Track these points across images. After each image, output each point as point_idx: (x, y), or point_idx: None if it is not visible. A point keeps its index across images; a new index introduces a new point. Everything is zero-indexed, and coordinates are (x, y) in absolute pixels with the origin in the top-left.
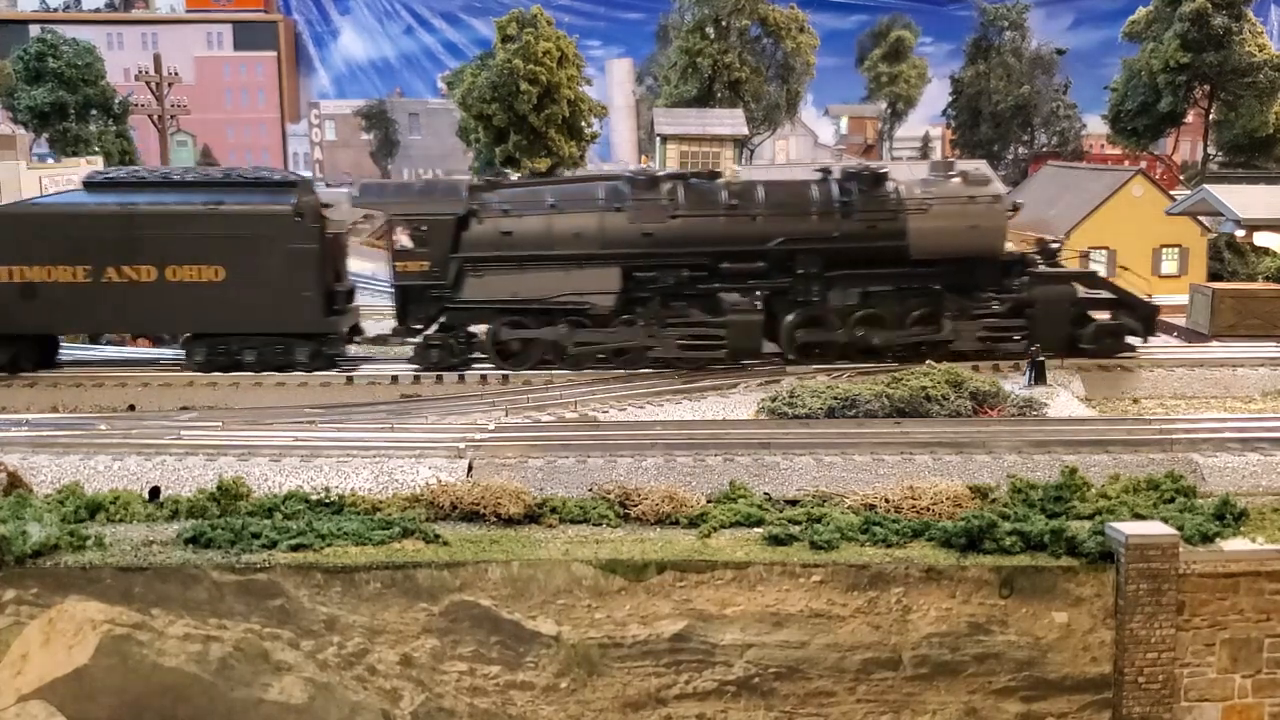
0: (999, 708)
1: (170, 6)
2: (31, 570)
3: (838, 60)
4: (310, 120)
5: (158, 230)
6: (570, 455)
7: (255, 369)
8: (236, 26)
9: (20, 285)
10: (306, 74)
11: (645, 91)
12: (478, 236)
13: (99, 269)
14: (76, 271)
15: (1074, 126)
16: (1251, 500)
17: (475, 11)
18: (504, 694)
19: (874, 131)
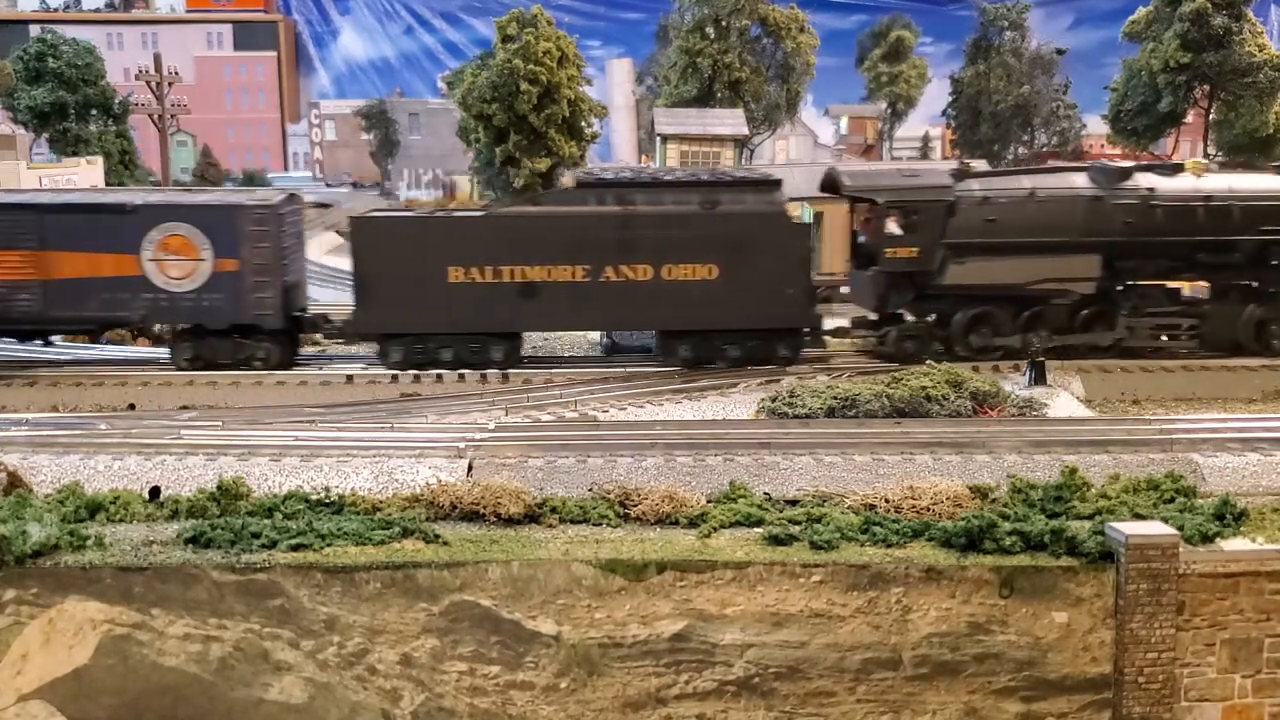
0: (999, 708)
1: (170, 6)
2: (31, 570)
3: (838, 60)
4: (310, 120)
5: (655, 230)
6: (570, 455)
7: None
8: (236, 26)
9: (521, 285)
10: (306, 74)
11: (645, 91)
12: (963, 223)
13: (598, 268)
14: (576, 271)
15: (1074, 126)
16: (1251, 500)
17: (475, 11)
18: (504, 694)
19: (874, 131)
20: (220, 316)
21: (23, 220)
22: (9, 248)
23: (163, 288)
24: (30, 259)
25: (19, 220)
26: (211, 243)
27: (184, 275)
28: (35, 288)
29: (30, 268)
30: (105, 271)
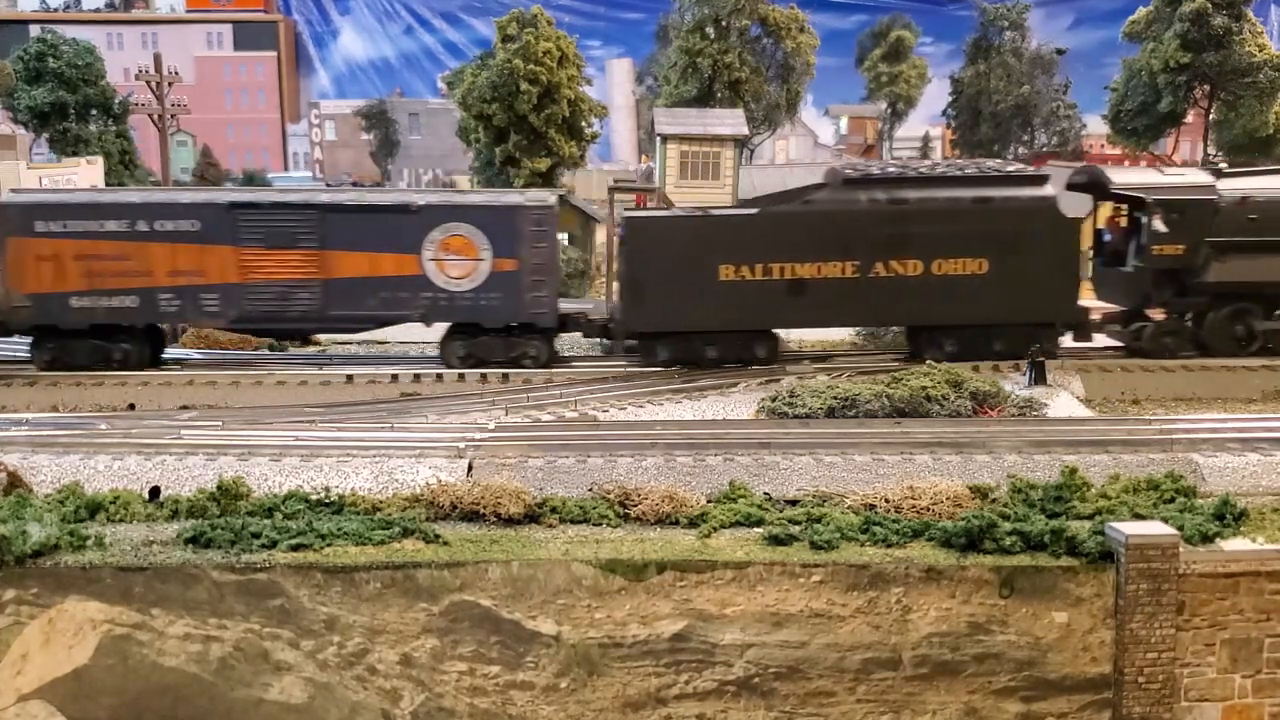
0: (999, 708)
1: (170, 6)
2: (31, 570)
3: (838, 60)
4: (310, 120)
5: (927, 225)
6: (570, 455)
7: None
8: (236, 26)
9: (790, 282)
10: (306, 74)
11: (645, 91)
12: (1226, 221)
13: (868, 264)
14: (845, 267)
15: (1074, 126)
16: (1251, 500)
17: (475, 11)
18: (504, 694)
19: (874, 131)
20: (497, 316)
21: (305, 219)
22: (291, 247)
23: (442, 287)
24: (312, 258)
25: (302, 220)
26: (491, 243)
27: (463, 275)
28: (316, 287)
29: (311, 267)
30: (385, 271)
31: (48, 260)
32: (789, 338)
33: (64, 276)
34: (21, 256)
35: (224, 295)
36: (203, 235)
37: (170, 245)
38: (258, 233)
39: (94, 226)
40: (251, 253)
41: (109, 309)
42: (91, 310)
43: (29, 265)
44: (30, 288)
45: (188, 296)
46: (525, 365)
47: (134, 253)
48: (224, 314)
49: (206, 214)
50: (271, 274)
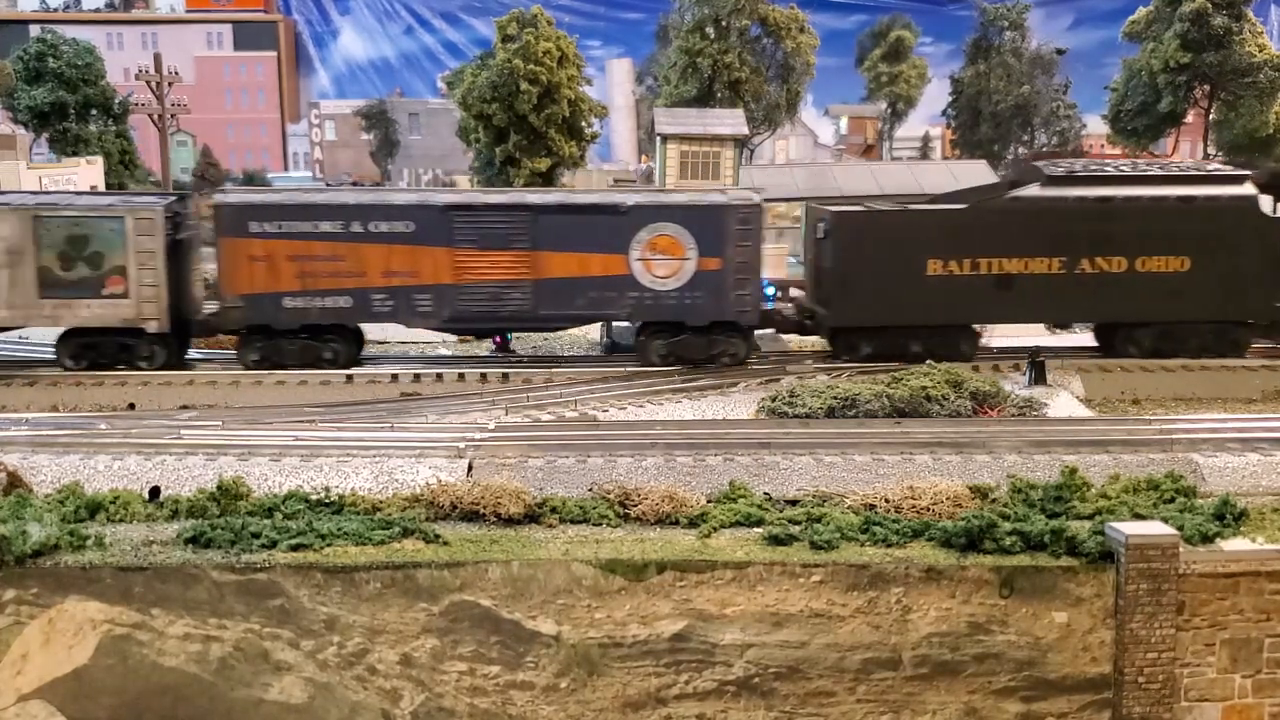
0: (999, 708)
1: (170, 6)
2: (31, 570)
3: (838, 60)
4: (310, 120)
5: (1133, 222)
6: (570, 455)
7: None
8: (236, 26)
9: (998, 277)
10: (306, 74)
11: (645, 91)
12: None
13: (1074, 260)
14: (1052, 263)
15: (1074, 126)
16: (1251, 500)
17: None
18: (504, 694)
19: (874, 131)
20: (702, 314)
21: (518, 221)
22: (504, 248)
23: (648, 286)
24: (523, 259)
25: (515, 221)
26: (697, 242)
27: (669, 274)
28: (527, 287)
29: (523, 268)
30: (594, 271)
31: (261, 261)
32: (789, 337)
33: (277, 277)
34: (235, 257)
35: (437, 296)
36: (417, 236)
37: (385, 246)
38: (472, 234)
39: (308, 227)
40: (465, 254)
41: (322, 309)
42: (305, 311)
43: (242, 266)
44: (243, 288)
45: (401, 297)
46: (724, 363)
47: (348, 253)
48: (436, 314)
49: (421, 215)
50: (484, 275)
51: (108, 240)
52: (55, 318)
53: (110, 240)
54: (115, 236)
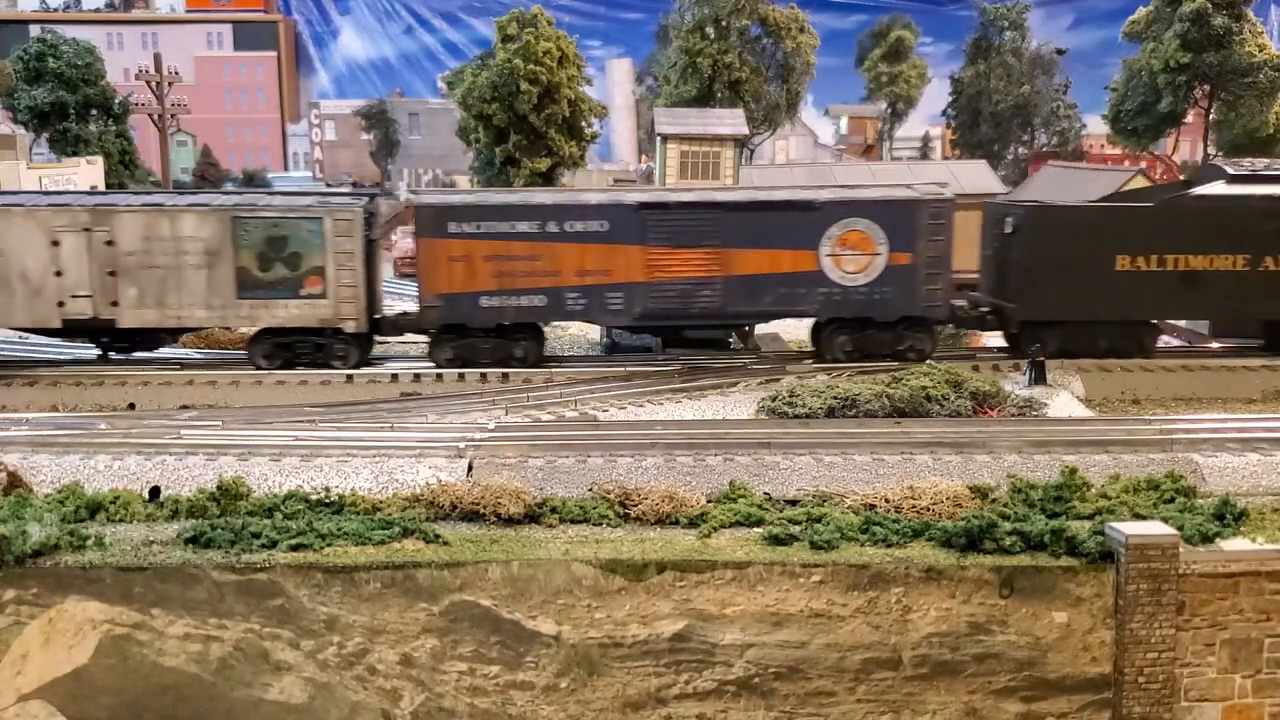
0: (999, 708)
1: (170, 6)
2: (31, 570)
3: (838, 60)
4: (310, 120)
5: None
6: (570, 455)
7: None
8: (236, 26)
9: (1183, 273)
10: (306, 74)
11: (645, 91)
12: None
13: (1258, 258)
14: (1236, 260)
15: (1074, 126)
16: (1251, 500)
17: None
18: (504, 694)
19: (874, 131)
20: (891, 309)
21: (709, 219)
22: (695, 245)
23: (837, 282)
24: (714, 256)
25: (705, 219)
26: (888, 237)
27: (859, 269)
28: (717, 284)
29: (714, 265)
30: (784, 267)
31: (459, 261)
32: (790, 337)
33: (475, 276)
34: (434, 257)
35: (629, 294)
36: (611, 235)
37: (579, 245)
38: (664, 232)
39: (506, 227)
40: (658, 252)
41: (518, 308)
42: (501, 310)
43: (441, 266)
44: (441, 288)
45: (594, 295)
46: (909, 358)
47: (544, 253)
48: (627, 312)
49: (615, 214)
50: (676, 272)
51: (306, 241)
52: (253, 318)
53: (308, 241)
54: (313, 237)
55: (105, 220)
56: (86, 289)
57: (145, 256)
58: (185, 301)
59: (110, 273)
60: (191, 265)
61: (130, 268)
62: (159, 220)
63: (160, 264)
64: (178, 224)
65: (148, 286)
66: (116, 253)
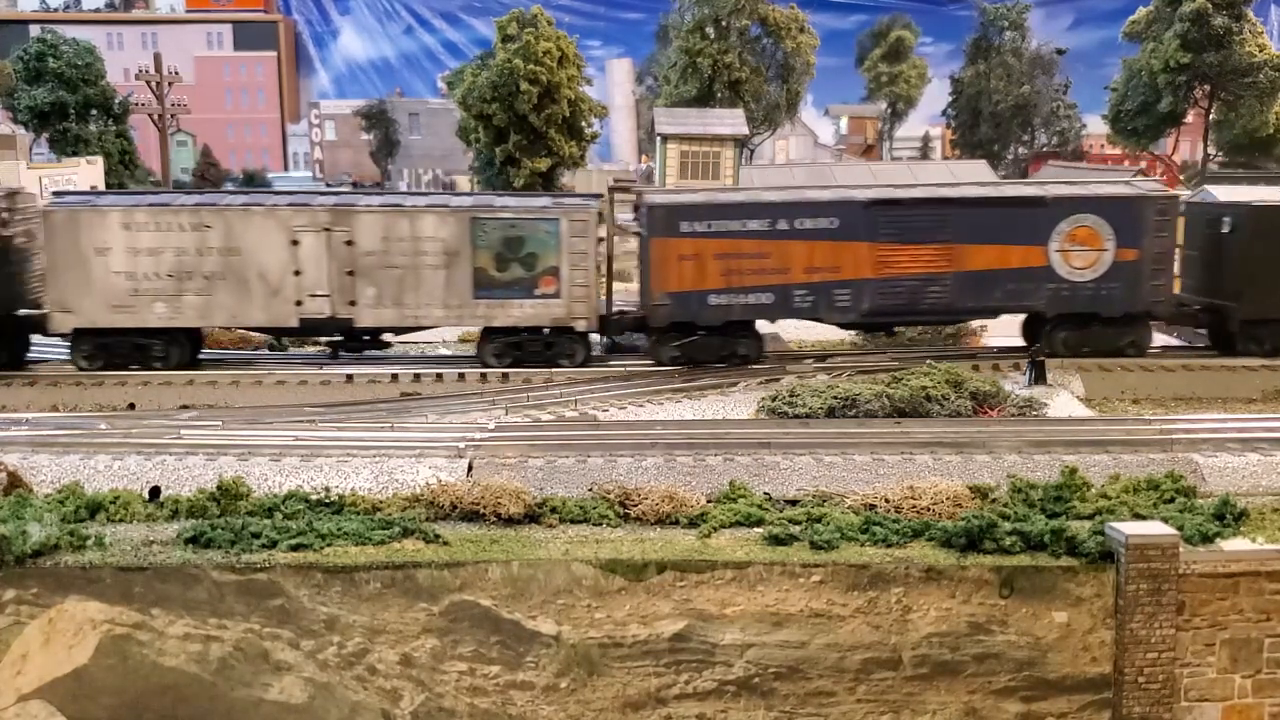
0: (999, 708)
1: (170, 6)
2: (31, 570)
3: (838, 60)
4: (310, 120)
5: None
6: (570, 455)
7: None
8: (236, 26)
9: None
10: (306, 74)
11: (645, 91)
12: None
13: None
14: None
15: (1074, 126)
16: (1251, 500)
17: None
18: (504, 694)
19: (874, 131)
20: (1116, 305)
21: (939, 215)
22: (924, 241)
23: (1065, 277)
24: (943, 252)
25: (935, 215)
26: (1115, 233)
27: (1086, 265)
28: (946, 280)
29: (943, 261)
30: (1013, 263)
31: (690, 259)
32: (790, 337)
33: (704, 275)
34: (665, 256)
35: (856, 290)
36: (840, 232)
37: (808, 243)
38: (894, 228)
39: (736, 226)
40: (887, 248)
41: (745, 306)
42: (729, 308)
43: (671, 264)
44: (671, 286)
45: (821, 292)
46: (1128, 353)
47: (773, 250)
48: (855, 309)
49: (845, 211)
50: (905, 269)
51: (542, 242)
52: (488, 317)
53: (545, 242)
54: (550, 238)
55: (345, 220)
56: (324, 288)
57: (384, 256)
58: (422, 301)
59: (349, 272)
60: (429, 265)
61: (369, 267)
62: (399, 221)
63: (399, 264)
64: (417, 224)
65: (385, 286)
66: (355, 252)
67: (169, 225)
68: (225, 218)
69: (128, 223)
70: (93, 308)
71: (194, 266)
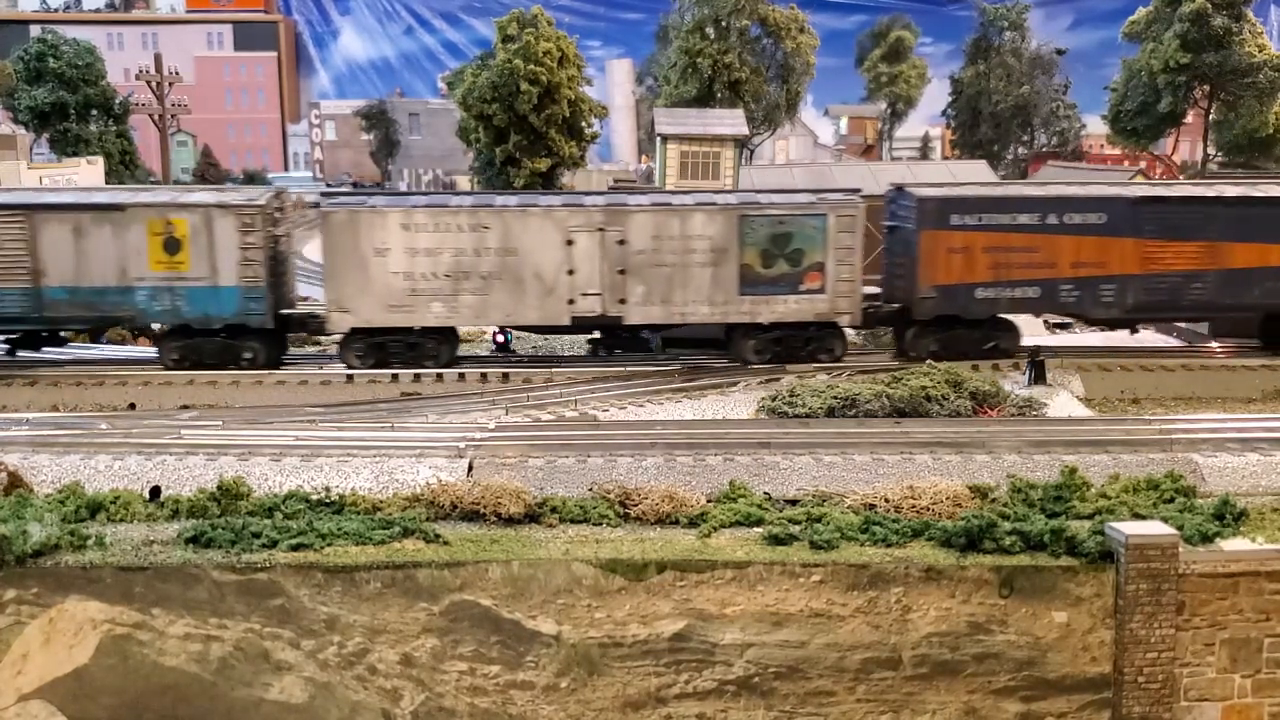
0: (999, 707)
1: (170, 6)
2: (32, 570)
3: (838, 60)
4: (310, 120)
5: None
6: (570, 455)
7: None
8: (236, 27)
9: None
10: (306, 74)
11: (645, 91)
12: None
13: None
14: None
15: (1074, 126)
16: (1251, 500)
17: (475, 11)
18: (504, 693)
19: (874, 131)
20: None
21: (1204, 213)
22: (1188, 239)
23: None
24: (1206, 250)
25: (1201, 213)
26: None
27: None
28: (1208, 277)
29: (1206, 258)
30: (1273, 261)
31: (958, 252)
32: None
33: (972, 268)
34: (934, 249)
35: (1121, 286)
36: (1107, 228)
37: (1076, 238)
38: (1160, 225)
39: (1006, 220)
40: (1153, 245)
41: (1011, 300)
42: (995, 301)
43: (940, 258)
44: (939, 279)
45: (1087, 287)
46: None
47: (1042, 245)
48: (1119, 304)
49: (1113, 208)
50: (1169, 265)
51: (809, 238)
52: (752, 314)
53: (812, 238)
54: (816, 234)
55: (619, 220)
56: (596, 287)
57: (654, 255)
58: (690, 299)
59: (620, 271)
60: (698, 263)
61: (639, 266)
62: (669, 219)
63: (668, 262)
64: (687, 223)
65: (655, 284)
66: (628, 251)
67: (447, 226)
68: (503, 218)
69: (407, 223)
70: (370, 307)
71: (471, 267)
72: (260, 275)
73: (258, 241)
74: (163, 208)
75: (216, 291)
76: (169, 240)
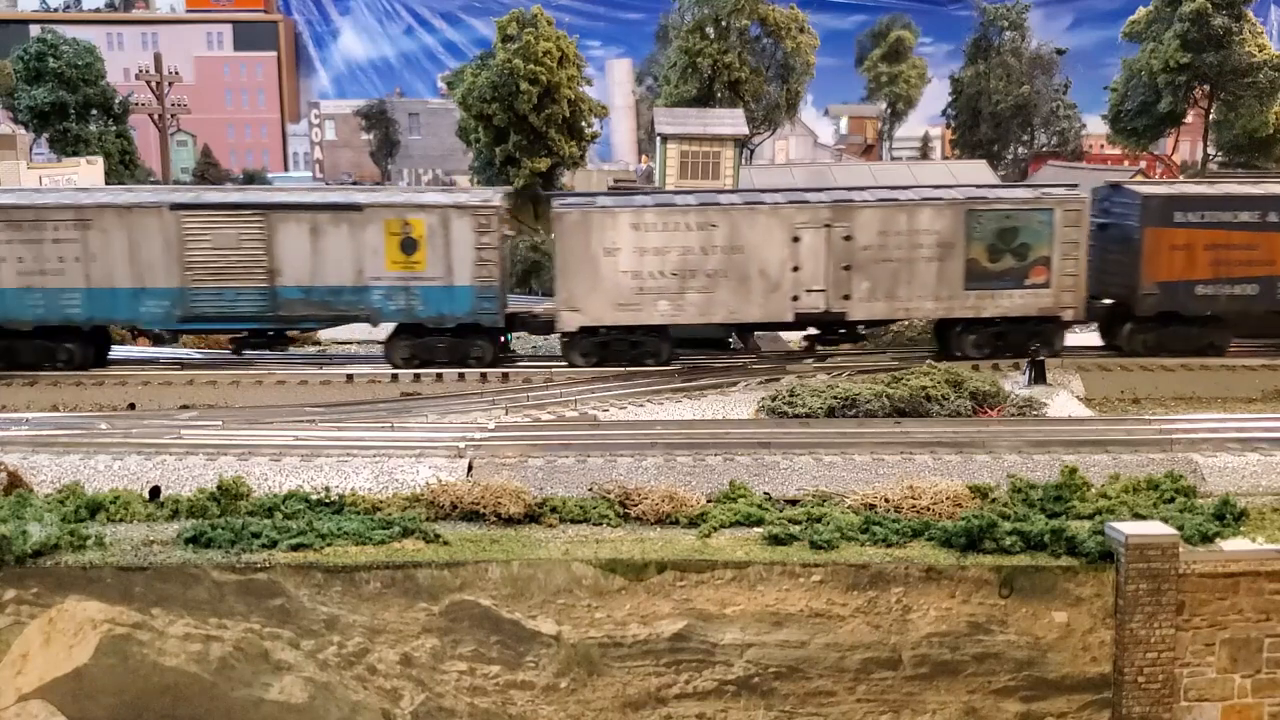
0: (999, 707)
1: (170, 6)
2: (32, 570)
3: (838, 60)
4: (310, 120)
5: None
6: (570, 455)
7: None
8: (236, 26)
9: None
10: (306, 74)
11: (645, 91)
12: None
13: None
14: None
15: (1074, 126)
16: (1251, 500)
17: (475, 11)
18: (504, 693)
19: (874, 131)
20: None
21: None
22: None
23: None
24: None
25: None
26: None
27: None
28: None
29: None
30: None
31: (1180, 250)
32: (790, 336)
33: (1193, 265)
34: (1158, 246)
35: None
36: None
37: None
38: None
39: (1228, 217)
40: None
41: (1230, 297)
42: (1214, 298)
43: (1163, 254)
44: (1161, 275)
45: None
46: None
47: (1262, 243)
48: None
49: None
50: None
51: (1036, 232)
52: (977, 308)
53: (1038, 232)
54: (1043, 228)
55: (845, 216)
56: (821, 283)
57: (880, 250)
58: (915, 294)
59: (845, 267)
60: (924, 258)
61: (864, 261)
62: (896, 215)
63: (894, 257)
64: (914, 218)
65: (879, 280)
66: (853, 247)
67: (676, 225)
68: (730, 216)
69: (637, 223)
70: (599, 306)
71: (698, 265)
72: (494, 275)
73: (492, 242)
74: (401, 208)
75: (451, 291)
76: (406, 240)
